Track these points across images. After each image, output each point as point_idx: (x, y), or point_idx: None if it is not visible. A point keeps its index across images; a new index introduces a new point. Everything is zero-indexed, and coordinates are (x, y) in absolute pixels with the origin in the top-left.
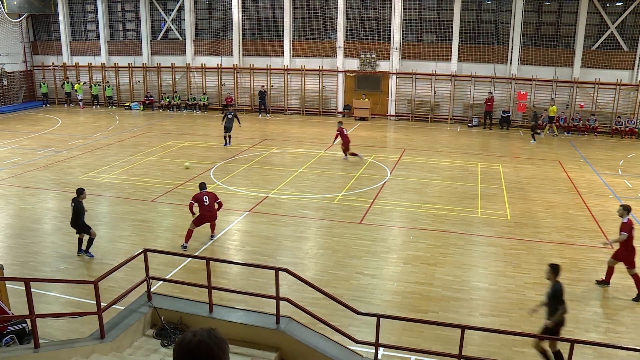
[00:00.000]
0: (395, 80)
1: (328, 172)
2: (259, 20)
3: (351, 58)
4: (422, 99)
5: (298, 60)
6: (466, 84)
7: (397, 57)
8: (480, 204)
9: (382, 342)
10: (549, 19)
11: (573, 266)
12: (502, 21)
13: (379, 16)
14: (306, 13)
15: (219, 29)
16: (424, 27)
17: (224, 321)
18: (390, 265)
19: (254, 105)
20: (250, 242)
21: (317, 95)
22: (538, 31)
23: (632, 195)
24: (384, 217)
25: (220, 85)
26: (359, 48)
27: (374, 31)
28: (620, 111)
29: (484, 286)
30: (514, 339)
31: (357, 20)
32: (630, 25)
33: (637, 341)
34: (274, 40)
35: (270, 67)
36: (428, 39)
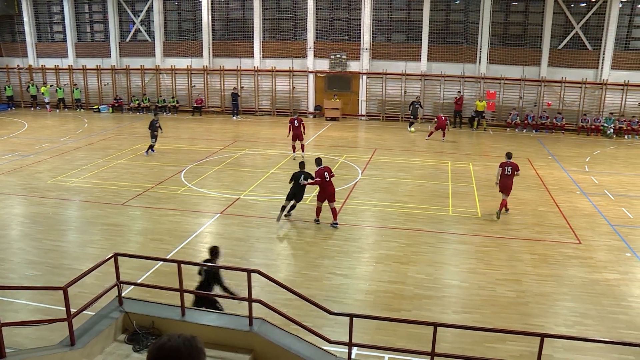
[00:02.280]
0: (366, 80)
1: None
2: (229, 21)
3: (321, 59)
4: (393, 98)
5: (268, 61)
6: (436, 84)
7: (367, 58)
8: (452, 202)
9: (355, 341)
10: (516, 19)
11: (542, 262)
12: (470, 21)
13: (348, 17)
14: (276, 14)
15: (188, 31)
16: (394, 28)
17: (196, 324)
18: (363, 265)
19: (224, 107)
20: (222, 244)
21: (288, 96)
22: (506, 31)
23: (599, 191)
24: (356, 217)
25: (190, 87)
26: (329, 48)
27: (344, 32)
28: (586, 109)
29: (456, 284)
30: (487, 335)
31: (327, 20)
32: (593, 25)
33: (604, 333)
34: (244, 41)
35: (240, 68)
36: (398, 39)
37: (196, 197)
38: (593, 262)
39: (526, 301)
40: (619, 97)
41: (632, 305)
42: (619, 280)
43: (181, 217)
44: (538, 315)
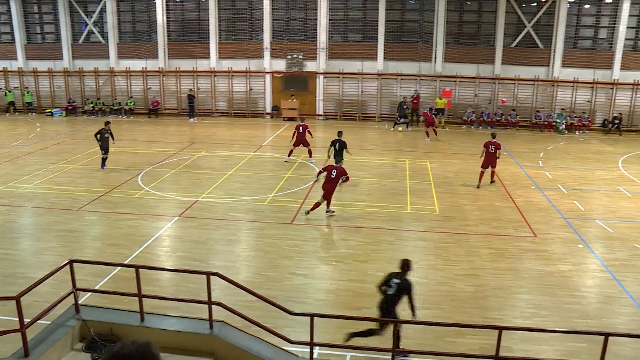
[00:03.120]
0: (323, 80)
1: (258, 173)
2: (184, 22)
3: (278, 59)
4: (350, 98)
5: (225, 62)
6: (393, 83)
7: (324, 57)
8: (410, 200)
9: (317, 341)
10: (470, 18)
11: (499, 256)
12: (426, 20)
13: (305, 16)
14: (232, 14)
15: (143, 32)
16: (350, 27)
17: (156, 329)
18: (323, 264)
19: (181, 109)
20: (181, 248)
21: (245, 97)
22: (460, 30)
23: (552, 185)
24: (315, 217)
25: (146, 89)
26: (285, 49)
27: (300, 32)
28: (539, 106)
29: (415, 280)
30: (447, 330)
31: (284, 20)
32: (544, 24)
33: (559, 323)
34: (200, 43)
35: (196, 69)
36: (354, 39)
37: (154, 200)
38: (548, 254)
39: (485, 295)
40: (570, 94)
41: (584, 295)
42: (572, 271)
43: (139, 221)
44: (496, 308)
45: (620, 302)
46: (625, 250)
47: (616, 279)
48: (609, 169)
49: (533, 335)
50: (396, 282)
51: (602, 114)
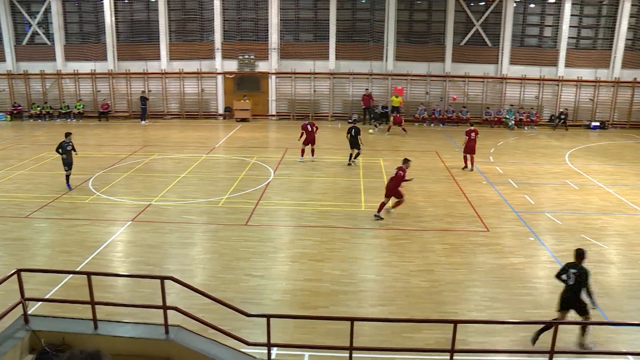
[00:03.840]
0: (275, 80)
1: (211, 175)
2: (133, 23)
3: (230, 59)
4: (303, 97)
5: (176, 63)
6: (345, 82)
7: (276, 57)
8: (364, 198)
9: (274, 341)
10: (420, 17)
11: (453, 250)
12: (376, 19)
13: (256, 16)
14: (182, 15)
15: (91, 33)
16: (301, 27)
17: (110, 337)
18: (279, 265)
19: (132, 112)
20: (135, 253)
21: (197, 99)
22: (411, 29)
23: (503, 180)
24: (270, 217)
25: (96, 91)
26: (237, 49)
27: (251, 32)
28: (488, 102)
29: (371, 277)
30: (403, 325)
31: (235, 21)
32: (492, 23)
33: (512, 314)
34: (150, 44)
35: (147, 71)
36: (306, 39)
37: (105, 205)
38: (500, 248)
39: (440, 290)
40: (518, 90)
41: (536, 286)
42: (524, 263)
43: (90, 227)
44: (451, 302)
45: None
46: (573, 241)
47: None
48: (557, 163)
49: (488, 327)
50: (573, 272)
51: (549, 110)
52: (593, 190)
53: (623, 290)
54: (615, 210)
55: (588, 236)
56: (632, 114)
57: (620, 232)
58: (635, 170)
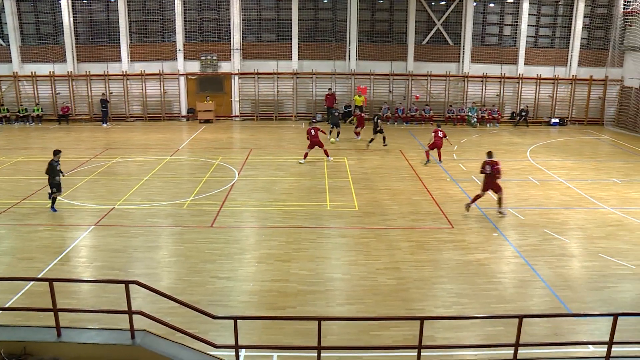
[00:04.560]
0: (238, 80)
1: (175, 177)
2: (93, 24)
3: (192, 60)
4: (266, 98)
5: (137, 64)
6: (308, 81)
7: (239, 58)
8: (329, 197)
9: (242, 343)
10: (382, 17)
11: (419, 248)
12: (339, 19)
13: (217, 17)
14: (142, 16)
15: (48, 34)
16: (264, 27)
17: (74, 344)
18: (245, 266)
19: (93, 114)
20: (99, 257)
21: (160, 100)
22: (373, 28)
23: (467, 177)
24: (235, 219)
25: (55, 94)
26: (199, 50)
27: (213, 32)
28: (451, 100)
29: (338, 276)
30: (371, 324)
31: (196, 21)
32: (453, 22)
33: (478, 309)
34: (111, 45)
35: (108, 73)
36: (268, 39)
37: (68, 210)
38: (465, 244)
39: (406, 287)
40: (480, 88)
41: (501, 281)
42: (489, 259)
43: (52, 233)
44: (418, 299)
45: (533, 285)
46: (536, 235)
47: (529, 264)
48: (519, 159)
49: (454, 322)
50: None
51: (510, 107)
52: (554, 186)
53: (584, 283)
54: (576, 205)
55: (550, 230)
56: (590, 111)
57: (580, 226)
58: (594, 165)
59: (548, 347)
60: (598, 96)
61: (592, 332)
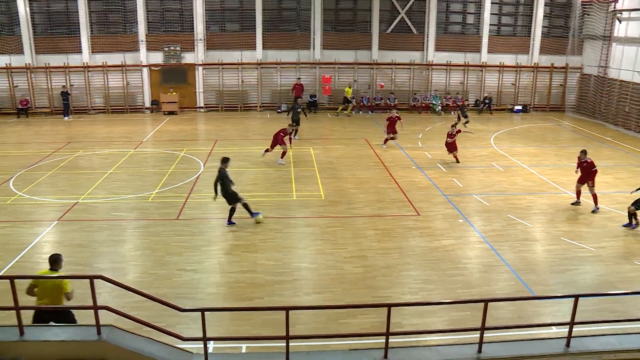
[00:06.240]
0: (202, 71)
1: (140, 170)
2: (51, 14)
3: (155, 51)
4: (230, 88)
5: (98, 56)
6: (273, 71)
7: (202, 48)
8: (295, 187)
9: (211, 335)
10: (346, 5)
11: (385, 236)
12: (303, 8)
13: (180, 7)
14: (103, 6)
15: (3, 24)
16: (227, 17)
17: (38, 342)
18: (212, 258)
19: (54, 107)
20: (63, 253)
21: (122, 92)
22: (337, 17)
23: (432, 164)
24: (201, 210)
25: (13, 87)
26: (162, 41)
27: (176, 23)
28: (415, 89)
29: (305, 266)
30: (339, 312)
31: (158, 11)
32: (417, 10)
33: (445, 294)
34: (71, 36)
35: (68, 65)
36: (232, 29)
37: (29, 205)
38: (431, 231)
39: (373, 275)
40: (444, 76)
41: (466, 267)
42: (454, 245)
43: (13, 229)
44: (385, 287)
45: (498, 269)
46: (500, 221)
47: (494, 249)
48: (483, 146)
49: (421, 308)
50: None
51: (474, 95)
52: (518, 172)
53: (547, 266)
54: (539, 190)
55: (514, 216)
56: (551, 98)
57: (543, 211)
58: (556, 151)
59: (513, 329)
60: (559, 83)
61: (555, 313)
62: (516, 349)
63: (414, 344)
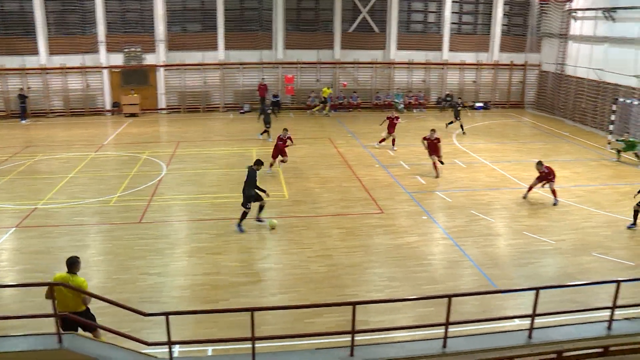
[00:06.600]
0: (163, 72)
1: (101, 174)
2: (5, 14)
3: (115, 53)
4: (193, 89)
5: (57, 58)
6: (235, 72)
7: (163, 49)
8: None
9: (176, 339)
10: (308, 5)
11: (350, 234)
12: (264, 8)
13: (140, 7)
14: (60, 6)
15: None
16: (188, 17)
17: None
18: (176, 261)
19: (10, 111)
20: (22, 260)
21: (82, 95)
22: (299, 16)
23: (395, 162)
24: (164, 213)
25: None
26: (122, 42)
27: (137, 23)
28: (378, 87)
29: (269, 266)
30: (304, 311)
31: (118, 12)
32: (378, 9)
33: (410, 291)
34: (27, 37)
35: (25, 67)
36: (193, 29)
37: None
38: (395, 228)
39: (338, 274)
40: (406, 74)
41: (431, 263)
42: (418, 241)
43: None
44: (351, 285)
45: (462, 265)
46: (463, 217)
47: (457, 245)
48: (446, 143)
49: (387, 306)
50: None
51: (435, 93)
52: (480, 168)
53: (509, 260)
54: (500, 186)
55: (477, 211)
56: (511, 95)
57: (505, 206)
58: (516, 147)
59: (477, 323)
60: (519, 80)
61: (517, 306)
62: (480, 342)
63: (380, 341)
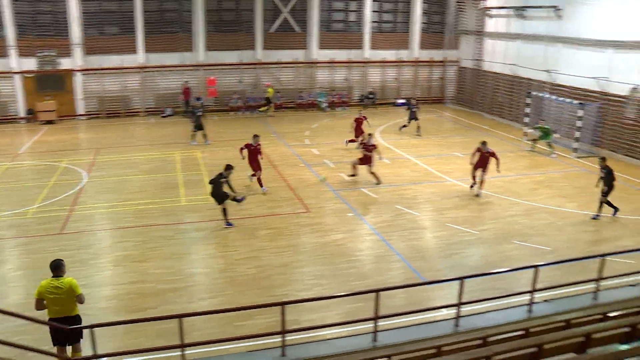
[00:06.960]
0: (81, 77)
1: (17, 184)
2: None
3: (28, 57)
4: (112, 94)
5: None
6: (156, 75)
7: (80, 53)
8: (184, 192)
9: (103, 351)
10: (229, 5)
11: (278, 234)
12: (184, 9)
13: (53, 9)
14: None
15: None
16: (106, 20)
17: None
18: (101, 271)
19: None
20: None
21: None
22: (220, 17)
23: (319, 161)
24: (87, 222)
25: None
26: (35, 46)
27: (50, 26)
28: (301, 87)
29: (197, 271)
30: (234, 314)
31: (29, 14)
32: (299, 9)
33: (339, 287)
34: None
35: None
36: (111, 32)
37: None
38: (322, 226)
39: (268, 274)
40: (328, 73)
41: (359, 259)
42: (345, 238)
43: None
44: (280, 285)
45: (389, 259)
46: (389, 212)
47: (384, 240)
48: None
49: (317, 304)
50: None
51: (358, 90)
52: (403, 163)
53: (435, 252)
54: (424, 180)
55: (402, 206)
56: (432, 91)
57: (429, 199)
58: (438, 142)
59: (405, 316)
60: (439, 77)
61: (444, 296)
62: (409, 334)
63: (311, 340)
